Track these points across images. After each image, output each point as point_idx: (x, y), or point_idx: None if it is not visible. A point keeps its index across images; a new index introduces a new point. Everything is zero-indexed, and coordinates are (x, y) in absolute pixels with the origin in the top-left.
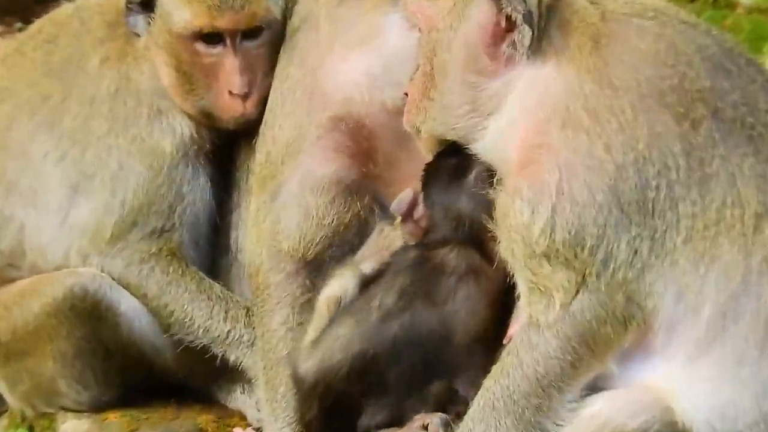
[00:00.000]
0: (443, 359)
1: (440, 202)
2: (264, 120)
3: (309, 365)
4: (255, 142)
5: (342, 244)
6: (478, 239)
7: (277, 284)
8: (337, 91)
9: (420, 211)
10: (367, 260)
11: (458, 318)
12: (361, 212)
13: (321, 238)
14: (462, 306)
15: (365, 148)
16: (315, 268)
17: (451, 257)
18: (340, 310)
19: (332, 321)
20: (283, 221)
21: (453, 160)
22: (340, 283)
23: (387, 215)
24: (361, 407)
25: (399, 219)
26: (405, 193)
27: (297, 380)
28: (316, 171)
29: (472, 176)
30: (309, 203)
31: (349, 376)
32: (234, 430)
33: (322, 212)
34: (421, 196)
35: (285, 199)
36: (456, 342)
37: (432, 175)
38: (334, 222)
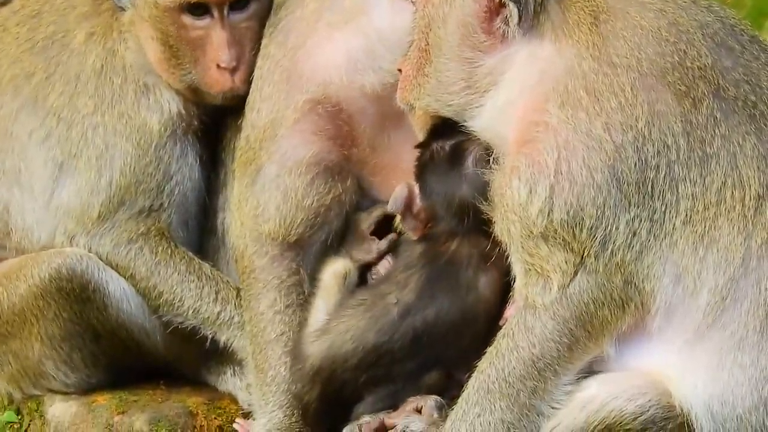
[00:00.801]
0: (457, 349)
1: (439, 192)
2: (247, 101)
3: (315, 349)
4: (241, 122)
5: (324, 226)
6: (484, 225)
7: (262, 268)
8: (315, 74)
9: (418, 204)
10: (354, 251)
11: (480, 307)
12: (343, 195)
13: (302, 220)
14: (483, 295)
15: (345, 132)
16: (299, 250)
17: (462, 249)
18: (351, 302)
19: (342, 310)
20: (263, 204)
21: (446, 146)
22: (344, 263)
23: (370, 203)
24: (361, 396)
25: (398, 216)
26: (399, 189)
27: (299, 360)
28: (294, 154)
29: (469, 161)
30: (288, 185)
31: (357, 366)
32: (236, 420)
33: (302, 194)
34: (416, 189)
35: (264, 183)
36: (476, 330)
37: (426, 164)
38: (315, 204)
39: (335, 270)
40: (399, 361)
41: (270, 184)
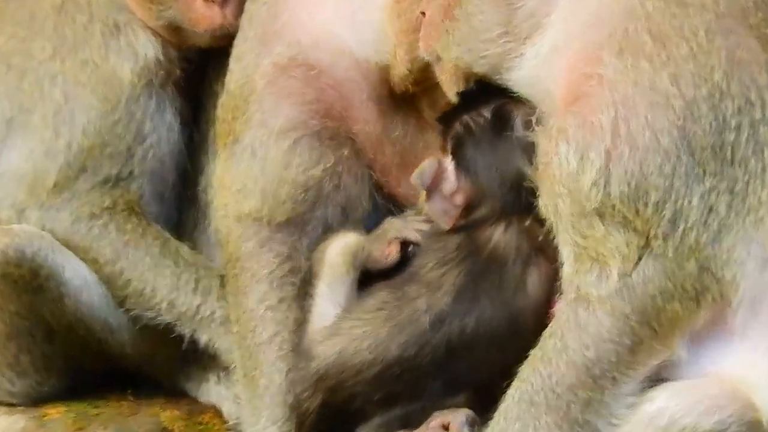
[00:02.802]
0: (499, 363)
1: (489, 168)
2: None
3: (322, 351)
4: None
5: (320, 202)
6: (534, 205)
7: (249, 254)
8: (288, 32)
9: (452, 183)
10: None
11: (529, 309)
12: (339, 166)
13: (287, 195)
14: (533, 295)
15: (331, 97)
16: (293, 232)
17: (508, 238)
18: (370, 301)
19: (358, 309)
20: (241, 179)
21: (485, 113)
22: (355, 238)
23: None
24: (370, 414)
25: (423, 198)
26: (428, 163)
27: (302, 359)
28: (267, 119)
29: (519, 124)
30: (264, 156)
31: (373, 381)
32: None
33: (282, 165)
34: (451, 165)
35: (241, 155)
36: (524, 340)
37: (463, 137)
38: (301, 176)
39: (345, 245)
40: (426, 378)
41: (246, 156)
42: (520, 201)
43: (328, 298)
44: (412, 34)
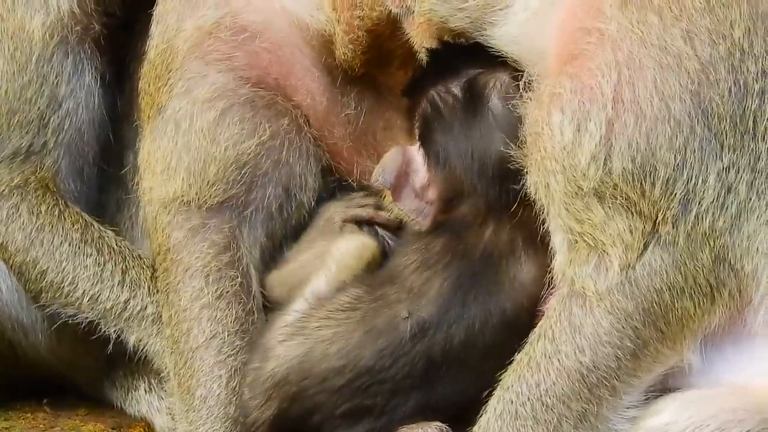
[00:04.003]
0: (487, 376)
1: (463, 153)
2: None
3: (283, 352)
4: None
5: (258, 182)
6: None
7: (180, 244)
8: None
9: (422, 175)
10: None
11: (524, 312)
12: (278, 140)
13: (217, 173)
14: (529, 291)
15: (265, 62)
16: (230, 217)
17: (500, 236)
18: (342, 298)
19: (327, 308)
20: (165, 157)
21: (455, 87)
22: (373, 243)
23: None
24: (332, 428)
25: (389, 200)
26: (391, 154)
27: (256, 357)
28: (190, 88)
29: (495, 98)
30: (188, 129)
31: (340, 390)
32: None
33: (208, 139)
34: (419, 153)
35: (163, 129)
36: (518, 344)
37: (431, 118)
38: (231, 151)
39: (363, 248)
40: (400, 393)
41: (169, 131)
42: (506, 192)
43: (313, 294)
44: (350, 8)
